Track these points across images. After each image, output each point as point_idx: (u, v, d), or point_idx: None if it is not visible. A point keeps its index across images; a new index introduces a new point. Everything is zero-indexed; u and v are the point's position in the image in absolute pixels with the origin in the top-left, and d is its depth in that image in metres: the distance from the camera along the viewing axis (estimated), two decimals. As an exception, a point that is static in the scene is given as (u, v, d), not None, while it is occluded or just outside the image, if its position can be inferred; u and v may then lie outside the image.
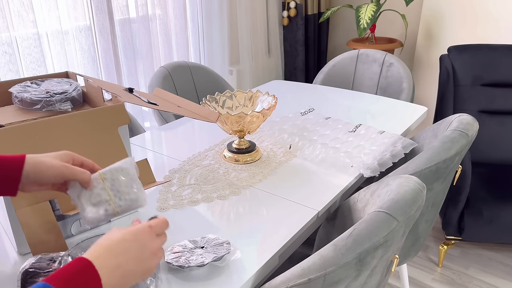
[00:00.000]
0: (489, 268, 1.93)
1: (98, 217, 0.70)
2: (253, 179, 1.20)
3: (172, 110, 1.06)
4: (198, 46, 2.75)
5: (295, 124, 1.52)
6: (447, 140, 1.11)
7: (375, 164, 1.22)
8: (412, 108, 1.73)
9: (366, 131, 1.45)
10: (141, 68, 2.43)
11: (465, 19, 2.50)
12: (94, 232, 0.97)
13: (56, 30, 1.97)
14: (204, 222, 1.00)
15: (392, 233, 0.77)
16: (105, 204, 0.70)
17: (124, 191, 0.71)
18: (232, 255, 0.87)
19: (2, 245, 0.94)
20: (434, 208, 1.23)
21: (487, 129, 2.08)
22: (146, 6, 2.35)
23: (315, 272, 0.72)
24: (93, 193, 0.70)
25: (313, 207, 1.06)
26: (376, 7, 2.66)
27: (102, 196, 0.70)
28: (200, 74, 2.10)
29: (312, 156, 1.32)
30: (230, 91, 1.39)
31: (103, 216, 0.70)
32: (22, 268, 0.74)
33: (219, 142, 1.45)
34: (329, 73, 2.21)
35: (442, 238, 2.10)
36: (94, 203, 0.70)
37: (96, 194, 0.70)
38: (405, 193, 0.83)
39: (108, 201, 0.70)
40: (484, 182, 1.92)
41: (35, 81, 1.12)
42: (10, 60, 1.83)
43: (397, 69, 2.04)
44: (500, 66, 2.06)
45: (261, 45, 3.12)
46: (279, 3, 3.17)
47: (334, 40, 3.59)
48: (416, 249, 1.29)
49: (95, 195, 0.70)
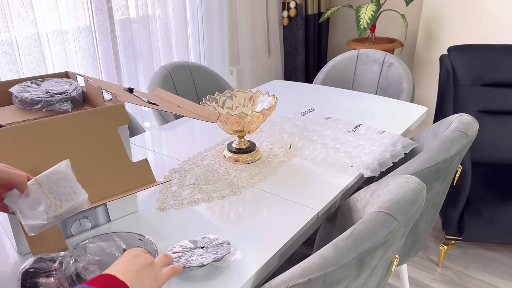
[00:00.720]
0: (489, 268, 1.93)
1: (41, 223, 0.67)
2: (253, 179, 1.19)
3: (172, 110, 1.06)
4: (198, 46, 2.75)
5: (295, 124, 1.52)
6: (447, 140, 1.11)
7: (375, 164, 1.22)
8: (412, 108, 1.73)
9: (366, 131, 1.45)
10: (141, 68, 2.43)
11: (465, 19, 2.50)
12: (94, 232, 0.97)
13: (56, 30, 1.97)
14: (204, 222, 1.00)
15: (392, 233, 0.77)
16: (46, 208, 0.68)
17: (63, 192, 0.70)
18: (232, 255, 0.87)
19: (2, 245, 0.94)
20: (434, 208, 1.23)
21: (487, 129, 2.08)
22: (146, 6, 2.35)
23: (315, 272, 0.72)
24: (32, 198, 0.68)
25: (313, 207, 1.06)
26: (376, 7, 2.66)
27: (42, 200, 0.68)
28: (200, 74, 2.10)
29: (312, 156, 1.32)
30: (230, 91, 1.39)
31: (45, 221, 0.68)
32: (22, 268, 0.74)
33: (219, 142, 1.45)
34: (329, 73, 2.21)
35: (442, 238, 2.10)
36: (34, 208, 0.67)
37: (35, 199, 0.68)
38: (405, 193, 0.83)
39: (49, 204, 0.68)
40: (484, 182, 1.92)
41: (35, 81, 1.11)
42: (10, 60, 1.83)
43: (397, 69, 2.04)
44: (500, 66, 2.06)
45: (261, 45, 3.12)
46: (279, 3, 3.17)
47: (334, 40, 3.59)
48: (416, 249, 1.29)
49: (34, 200, 0.68)
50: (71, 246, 0.89)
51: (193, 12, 2.65)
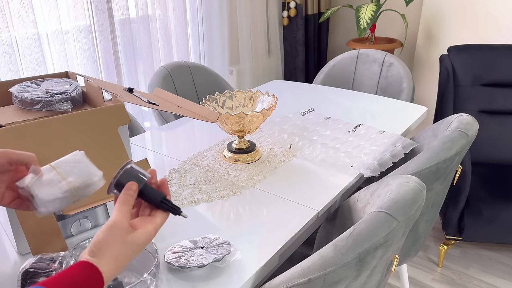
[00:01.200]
0: (489, 268, 1.93)
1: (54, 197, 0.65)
2: (253, 179, 1.19)
3: (172, 110, 1.06)
4: (198, 46, 2.75)
5: (295, 124, 1.52)
6: (447, 140, 1.11)
7: (375, 164, 1.22)
8: (412, 108, 1.73)
9: (366, 131, 1.45)
10: (141, 68, 2.43)
11: (465, 19, 2.50)
12: (94, 232, 0.97)
13: (56, 30, 1.97)
14: (204, 222, 1.00)
15: (392, 233, 0.77)
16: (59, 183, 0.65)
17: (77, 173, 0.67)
18: (232, 255, 0.87)
19: (2, 245, 0.94)
20: (434, 208, 1.23)
21: (487, 129, 2.08)
22: (146, 6, 2.35)
23: (315, 272, 0.72)
24: (45, 178, 0.65)
25: (313, 207, 1.06)
26: (376, 7, 2.66)
27: (55, 178, 0.66)
28: (200, 74, 2.10)
29: (312, 156, 1.32)
30: (230, 91, 1.39)
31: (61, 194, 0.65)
32: (22, 268, 0.74)
33: (219, 142, 1.45)
34: (329, 73, 2.21)
35: (442, 238, 2.10)
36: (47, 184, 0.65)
37: (48, 178, 0.65)
38: (405, 193, 0.83)
39: (61, 181, 0.66)
40: (484, 182, 1.92)
41: (35, 81, 1.12)
42: (10, 60, 1.83)
43: (397, 69, 2.04)
44: (500, 66, 2.06)
45: (261, 45, 3.12)
46: (279, 3, 3.17)
47: (334, 40, 3.59)
48: (416, 249, 1.29)
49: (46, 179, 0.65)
50: (71, 246, 0.89)
51: (193, 12, 2.65)
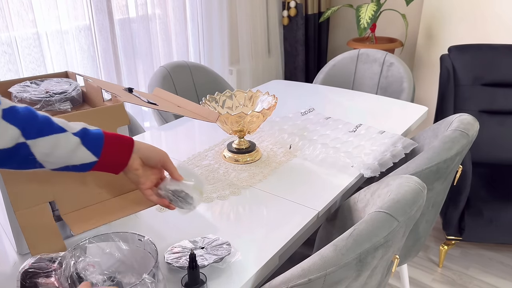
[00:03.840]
0: (489, 268, 1.92)
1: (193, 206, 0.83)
2: (253, 179, 1.19)
3: (172, 110, 1.06)
4: (198, 46, 2.75)
5: (295, 124, 1.52)
6: (447, 140, 1.11)
7: (376, 164, 1.22)
8: (413, 108, 1.73)
9: (366, 131, 1.44)
10: (141, 68, 2.43)
11: (465, 18, 2.50)
12: (94, 232, 0.96)
13: (56, 30, 1.97)
14: (204, 222, 1.00)
15: (393, 233, 0.76)
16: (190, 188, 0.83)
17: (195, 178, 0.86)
18: (232, 256, 0.87)
19: (2, 245, 0.93)
20: (434, 208, 1.23)
21: (488, 129, 2.08)
22: (146, 6, 2.34)
23: (315, 273, 0.72)
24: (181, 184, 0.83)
25: (313, 207, 1.05)
26: (377, 7, 2.66)
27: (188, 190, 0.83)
28: (200, 74, 2.10)
29: (312, 156, 1.32)
30: (230, 91, 1.39)
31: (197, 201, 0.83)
32: (22, 268, 0.74)
33: (219, 142, 1.44)
34: (329, 72, 2.21)
35: (443, 238, 2.10)
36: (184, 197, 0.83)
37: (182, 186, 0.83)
38: (406, 193, 0.82)
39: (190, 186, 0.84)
40: (484, 182, 1.91)
41: (35, 81, 1.11)
42: (9, 60, 1.83)
43: (398, 69, 2.03)
44: (501, 66, 2.06)
45: (261, 45, 3.12)
46: (279, 3, 3.17)
47: (334, 40, 3.58)
48: (416, 249, 1.29)
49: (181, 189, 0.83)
50: (70, 246, 0.89)
51: (193, 12, 2.65)
